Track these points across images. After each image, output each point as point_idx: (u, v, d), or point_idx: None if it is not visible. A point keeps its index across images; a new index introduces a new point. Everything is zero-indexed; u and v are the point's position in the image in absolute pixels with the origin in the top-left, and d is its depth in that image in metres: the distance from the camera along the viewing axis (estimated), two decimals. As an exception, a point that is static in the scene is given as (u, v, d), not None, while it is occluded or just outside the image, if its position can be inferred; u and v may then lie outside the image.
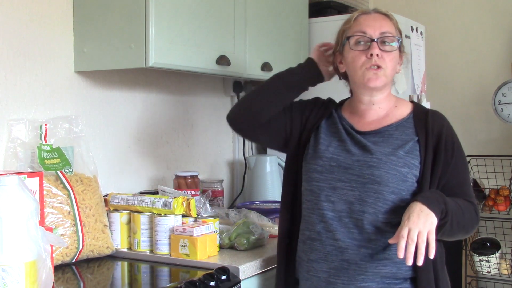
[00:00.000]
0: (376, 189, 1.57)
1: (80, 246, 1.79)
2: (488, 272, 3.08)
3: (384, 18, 1.66)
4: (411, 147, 1.61)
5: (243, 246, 1.88)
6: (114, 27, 1.92)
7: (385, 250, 1.57)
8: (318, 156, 1.67)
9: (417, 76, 2.74)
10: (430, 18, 3.38)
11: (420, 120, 1.66)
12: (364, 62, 1.61)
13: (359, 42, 1.63)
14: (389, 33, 1.63)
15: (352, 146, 1.65)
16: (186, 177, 2.22)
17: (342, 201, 1.60)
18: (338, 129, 1.71)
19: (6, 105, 1.87)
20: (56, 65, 2.01)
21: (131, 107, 2.31)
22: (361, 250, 1.58)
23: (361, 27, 1.63)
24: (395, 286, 1.59)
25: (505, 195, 3.07)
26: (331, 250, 1.61)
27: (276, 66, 2.43)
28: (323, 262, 1.62)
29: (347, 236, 1.59)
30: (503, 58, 3.25)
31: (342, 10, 2.84)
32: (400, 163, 1.59)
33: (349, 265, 1.58)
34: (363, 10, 1.71)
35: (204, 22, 2.06)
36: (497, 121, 3.12)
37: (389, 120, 1.68)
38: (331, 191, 1.62)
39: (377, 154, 1.60)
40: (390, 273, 1.58)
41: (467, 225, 1.59)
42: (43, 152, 1.82)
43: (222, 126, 2.80)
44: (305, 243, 1.67)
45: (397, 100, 1.74)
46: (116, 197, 1.93)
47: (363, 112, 1.71)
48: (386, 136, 1.64)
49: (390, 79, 1.67)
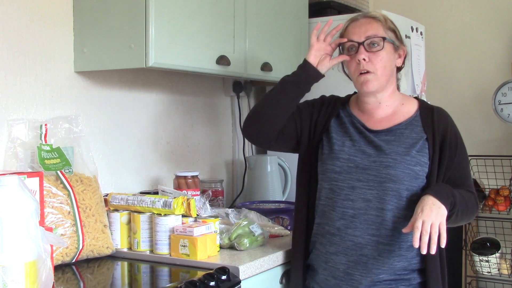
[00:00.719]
0: (393, 187, 1.69)
1: (80, 246, 1.79)
2: (488, 272, 3.08)
3: (370, 21, 1.77)
4: (421, 145, 1.73)
5: (243, 246, 1.88)
6: (114, 27, 1.92)
7: (400, 246, 1.70)
8: (335, 157, 1.77)
9: (417, 76, 2.74)
10: (430, 18, 3.38)
11: (427, 118, 1.77)
12: (355, 68, 1.75)
13: (350, 48, 1.77)
14: (374, 35, 1.74)
15: (366, 146, 1.76)
16: (186, 177, 2.22)
17: (360, 199, 1.72)
18: (349, 128, 1.81)
19: (6, 105, 1.87)
20: (56, 65, 2.01)
21: (131, 107, 2.31)
22: (379, 246, 1.69)
23: (349, 35, 1.77)
24: (405, 276, 1.72)
25: (505, 195, 3.07)
26: (350, 245, 1.72)
27: (276, 66, 2.43)
28: (342, 255, 1.73)
29: (366, 233, 1.70)
30: (503, 58, 3.25)
31: (342, 10, 2.84)
32: (413, 162, 1.70)
33: (367, 260, 1.70)
34: (352, 17, 1.82)
35: (204, 22, 2.06)
36: (497, 121, 3.12)
37: (398, 119, 1.79)
38: (350, 190, 1.73)
39: (392, 154, 1.71)
40: (402, 266, 1.71)
41: (470, 214, 1.74)
42: (43, 152, 1.82)
43: (222, 126, 2.80)
44: (324, 236, 1.78)
45: (403, 97, 1.86)
46: (116, 197, 1.93)
47: (371, 110, 1.81)
48: (398, 135, 1.75)
49: (386, 78, 1.76)
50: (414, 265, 1.73)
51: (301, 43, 2.61)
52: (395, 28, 1.80)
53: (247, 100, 2.89)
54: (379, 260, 1.69)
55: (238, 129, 2.81)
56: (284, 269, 1.93)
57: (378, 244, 1.70)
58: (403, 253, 1.70)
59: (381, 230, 1.69)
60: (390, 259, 1.69)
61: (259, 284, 1.81)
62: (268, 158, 2.65)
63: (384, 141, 1.74)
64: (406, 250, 1.70)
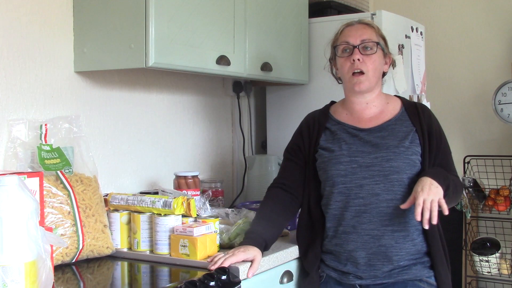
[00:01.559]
0: (398, 178, 1.82)
1: (80, 246, 1.79)
2: (488, 272, 3.08)
3: (365, 27, 1.92)
4: (412, 137, 1.88)
5: (243, 246, 1.88)
6: (114, 27, 1.92)
7: (412, 231, 1.84)
8: (337, 162, 1.87)
9: (417, 76, 2.74)
10: (430, 18, 3.38)
11: (413, 113, 1.93)
12: (349, 67, 1.89)
13: (345, 50, 1.90)
14: (369, 39, 1.89)
15: (363, 146, 1.88)
16: (186, 177, 2.22)
17: (370, 195, 1.83)
18: (341, 135, 1.92)
19: (6, 105, 1.87)
20: (56, 65, 2.01)
21: (131, 107, 2.31)
22: (395, 234, 1.82)
23: (345, 38, 1.91)
24: (419, 260, 1.85)
25: (505, 195, 3.07)
26: (368, 239, 1.83)
27: (276, 66, 2.43)
28: (361, 250, 1.84)
29: (381, 224, 1.83)
30: (503, 58, 3.25)
31: (342, 10, 2.84)
32: (409, 152, 1.85)
33: (386, 249, 1.82)
34: (348, 22, 1.96)
35: (204, 22, 2.06)
36: (497, 121, 3.13)
37: (386, 116, 1.93)
38: (359, 189, 1.84)
39: (390, 148, 1.85)
40: (416, 250, 1.85)
41: (458, 197, 1.91)
42: (43, 152, 1.82)
43: (222, 126, 2.80)
44: (340, 237, 1.88)
45: (387, 96, 2.00)
46: (116, 197, 1.93)
47: (360, 111, 1.95)
48: (390, 130, 1.89)
49: (375, 80, 1.92)
50: (423, 248, 1.86)
51: (301, 43, 2.61)
52: (385, 37, 1.96)
53: (247, 100, 2.89)
54: (397, 247, 1.82)
55: (238, 129, 2.81)
56: (284, 269, 1.93)
57: (394, 232, 1.82)
58: (415, 238, 1.85)
59: (394, 219, 1.82)
60: (405, 244, 1.83)
61: (259, 284, 1.81)
62: (268, 158, 2.66)
63: (379, 137, 1.88)
64: (418, 235, 1.85)
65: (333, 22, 2.59)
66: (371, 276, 1.84)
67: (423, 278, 1.84)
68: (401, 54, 2.56)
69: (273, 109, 2.80)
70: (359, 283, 1.86)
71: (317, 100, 2.27)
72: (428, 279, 1.85)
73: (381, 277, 1.83)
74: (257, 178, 2.63)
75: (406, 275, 1.83)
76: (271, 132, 2.82)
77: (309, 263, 1.93)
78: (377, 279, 1.84)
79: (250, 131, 2.90)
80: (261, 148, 2.98)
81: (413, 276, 1.83)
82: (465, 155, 3.21)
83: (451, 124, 3.36)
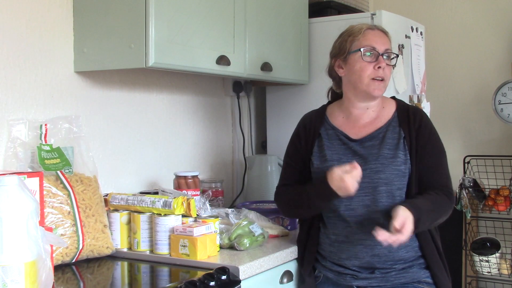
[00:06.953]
0: (386, 189, 1.82)
1: (80, 246, 1.79)
2: (488, 272, 3.08)
3: (385, 35, 1.91)
4: (402, 144, 1.86)
5: (243, 246, 1.88)
6: (114, 27, 1.92)
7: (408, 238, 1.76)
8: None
9: (417, 76, 2.74)
10: (430, 18, 3.38)
11: (404, 118, 1.90)
12: (371, 72, 1.85)
13: (368, 53, 1.86)
14: (391, 50, 1.90)
15: (352, 158, 1.84)
16: (186, 177, 2.22)
17: (360, 206, 1.83)
18: (333, 143, 1.91)
19: (6, 105, 1.87)
20: (56, 65, 2.01)
21: (131, 107, 2.31)
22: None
23: (371, 42, 1.86)
24: (414, 262, 1.85)
25: (505, 195, 3.07)
26: (361, 248, 1.84)
27: (276, 66, 2.43)
28: (354, 259, 1.85)
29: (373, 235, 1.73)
30: (503, 58, 3.25)
31: (342, 10, 2.84)
32: (399, 162, 1.83)
33: (380, 258, 1.83)
34: (368, 25, 1.92)
35: (204, 22, 2.06)
36: (497, 121, 3.12)
37: (379, 123, 1.91)
38: (349, 200, 1.82)
39: (380, 159, 1.83)
40: (411, 255, 1.85)
41: (439, 218, 1.83)
42: (43, 152, 1.82)
43: (222, 126, 2.80)
44: (333, 245, 1.90)
45: (383, 100, 1.96)
46: (116, 197, 1.93)
47: (357, 116, 1.93)
48: (381, 138, 1.87)
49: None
50: (417, 253, 1.86)
51: (301, 43, 2.61)
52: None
53: (247, 100, 2.89)
54: (390, 256, 1.82)
55: (238, 129, 2.81)
56: (284, 269, 1.93)
57: None
58: (408, 244, 1.83)
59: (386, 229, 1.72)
60: (399, 252, 1.82)
61: (259, 284, 1.81)
62: (268, 158, 2.66)
63: (370, 147, 1.86)
64: (411, 242, 1.82)
65: (333, 22, 2.59)
66: (367, 277, 1.85)
67: (421, 280, 1.85)
68: (401, 54, 2.56)
69: (273, 109, 2.80)
70: (356, 284, 1.86)
71: (317, 100, 2.27)
72: (426, 279, 1.86)
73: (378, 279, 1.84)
74: (257, 178, 2.63)
75: (403, 278, 1.83)
76: (271, 132, 2.82)
77: (304, 268, 1.95)
78: (373, 281, 1.84)
79: (250, 131, 2.90)
80: (261, 148, 2.98)
81: (410, 279, 1.84)
82: (465, 155, 3.21)
83: (451, 124, 3.36)
